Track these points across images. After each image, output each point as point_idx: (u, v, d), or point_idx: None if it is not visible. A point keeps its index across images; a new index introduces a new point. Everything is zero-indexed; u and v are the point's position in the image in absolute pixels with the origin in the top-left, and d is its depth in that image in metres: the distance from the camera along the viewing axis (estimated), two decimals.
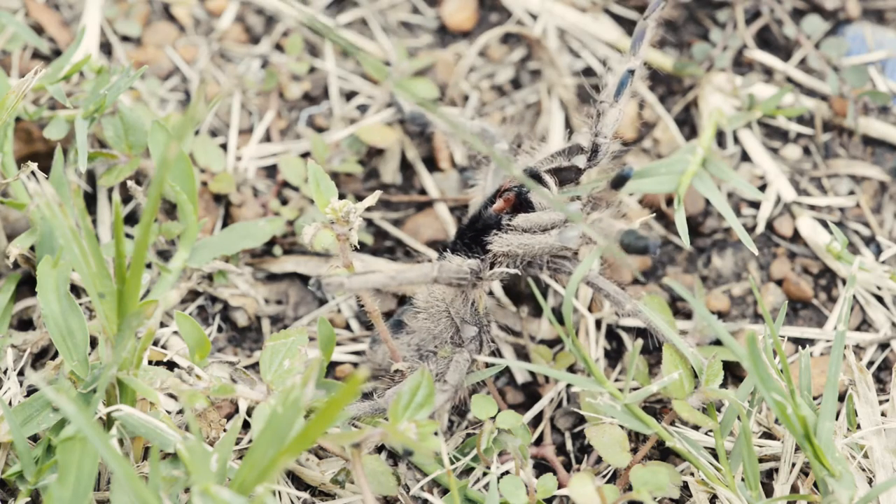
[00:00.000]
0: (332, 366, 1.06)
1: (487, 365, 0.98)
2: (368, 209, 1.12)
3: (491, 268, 0.97)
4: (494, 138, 1.06)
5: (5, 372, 0.98)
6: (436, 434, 0.86)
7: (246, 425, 1.00)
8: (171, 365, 1.01)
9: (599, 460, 1.00)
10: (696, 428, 0.97)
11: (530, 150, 1.04)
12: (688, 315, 1.08)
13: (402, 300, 1.08)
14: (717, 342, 1.04)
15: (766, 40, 1.22)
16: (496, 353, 1.07)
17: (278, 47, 1.22)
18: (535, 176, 0.98)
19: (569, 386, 1.04)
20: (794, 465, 0.95)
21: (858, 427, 0.95)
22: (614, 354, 1.07)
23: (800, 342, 1.07)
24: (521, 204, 0.98)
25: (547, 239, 0.94)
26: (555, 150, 1.01)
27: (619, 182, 0.94)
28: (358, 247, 0.94)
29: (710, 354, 0.96)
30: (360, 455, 0.89)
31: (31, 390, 0.98)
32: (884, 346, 1.06)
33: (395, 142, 1.16)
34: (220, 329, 1.08)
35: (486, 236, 0.97)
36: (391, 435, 0.84)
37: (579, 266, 0.91)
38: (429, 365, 0.97)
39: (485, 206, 0.99)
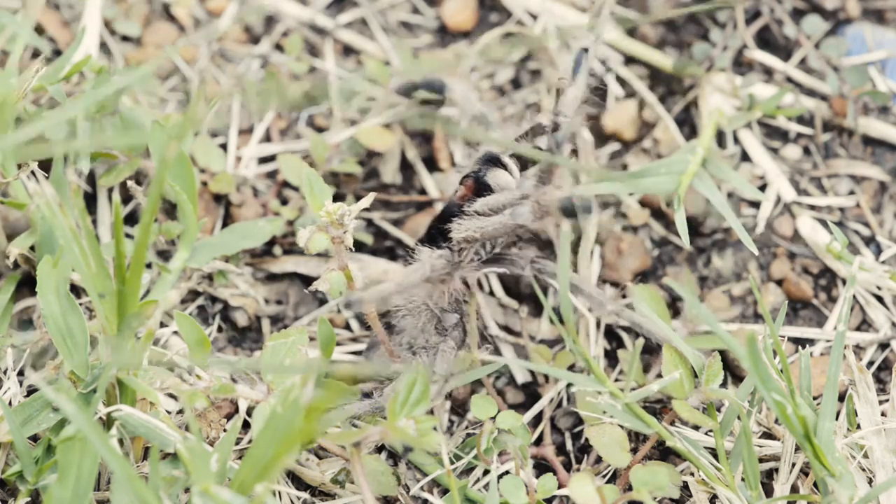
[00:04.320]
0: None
1: (484, 363, 0.98)
2: (368, 209, 1.12)
3: (458, 255, 0.97)
4: (491, 125, 1.06)
5: (5, 372, 0.98)
6: (435, 429, 0.86)
7: (246, 425, 1.00)
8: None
9: (599, 460, 1.00)
10: (696, 428, 0.97)
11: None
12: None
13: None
14: (709, 331, 1.04)
15: (766, 40, 1.22)
16: (496, 353, 1.07)
17: (278, 47, 1.23)
18: (494, 158, 0.98)
19: (569, 386, 1.04)
20: (794, 465, 0.95)
21: (858, 427, 0.95)
22: (615, 354, 1.07)
23: (800, 342, 1.07)
24: (481, 189, 0.98)
25: (500, 219, 0.94)
26: (517, 134, 1.00)
27: (569, 211, 0.93)
28: (353, 249, 0.94)
29: (701, 345, 0.96)
30: (359, 454, 0.89)
31: (31, 390, 0.98)
32: (884, 346, 1.06)
33: (395, 143, 1.16)
34: (220, 329, 1.08)
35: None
36: (390, 432, 0.84)
37: (560, 262, 0.90)
38: (422, 359, 0.97)
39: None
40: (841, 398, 1.00)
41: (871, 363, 1.05)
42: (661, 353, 1.01)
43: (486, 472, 0.98)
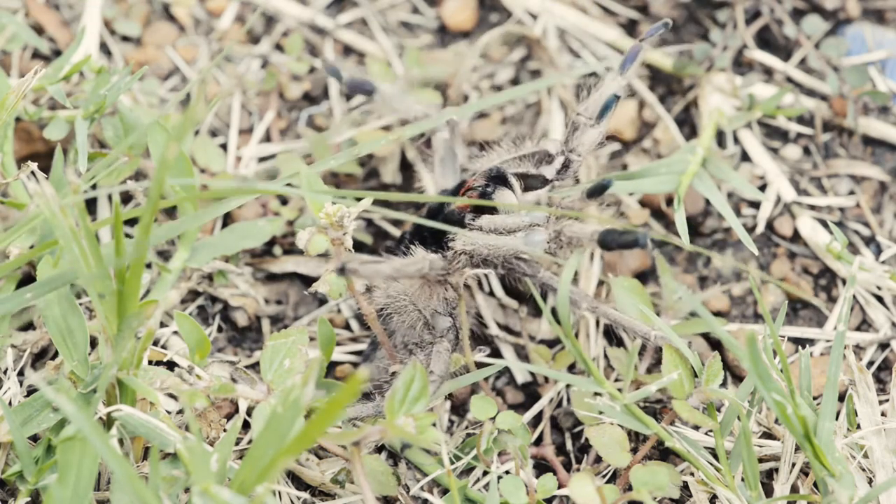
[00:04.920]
0: (332, 366, 1.06)
1: (478, 365, 0.98)
2: (368, 209, 1.12)
3: (450, 263, 0.97)
4: (437, 126, 1.06)
5: (5, 372, 0.98)
6: (434, 426, 0.86)
7: (246, 425, 1.00)
8: (171, 365, 1.01)
9: (599, 460, 1.00)
10: (696, 428, 0.97)
11: (504, 147, 1.03)
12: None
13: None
14: (693, 314, 1.04)
15: (766, 40, 1.22)
16: (496, 353, 1.07)
17: (278, 47, 1.23)
18: (501, 177, 0.97)
19: (569, 386, 1.04)
20: (794, 465, 0.95)
21: (858, 427, 0.95)
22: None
23: (800, 342, 1.07)
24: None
25: (513, 242, 0.94)
26: (522, 153, 1.00)
27: (597, 191, 0.93)
28: (352, 250, 0.94)
29: (683, 331, 0.96)
30: (359, 454, 0.89)
31: (31, 390, 0.98)
32: (884, 346, 1.06)
33: (395, 145, 1.16)
34: (220, 329, 1.08)
35: (447, 232, 0.97)
36: (390, 430, 0.84)
37: (566, 267, 0.90)
38: (418, 356, 0.97)
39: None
40: (841, 398, 1.00)
41: (871, 363, 1.05)
42: (647, 349, 1.01)
43: (486, 472, 0.98)
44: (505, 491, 0.93)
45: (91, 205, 1.11)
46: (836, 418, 0.95)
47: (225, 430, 0.97)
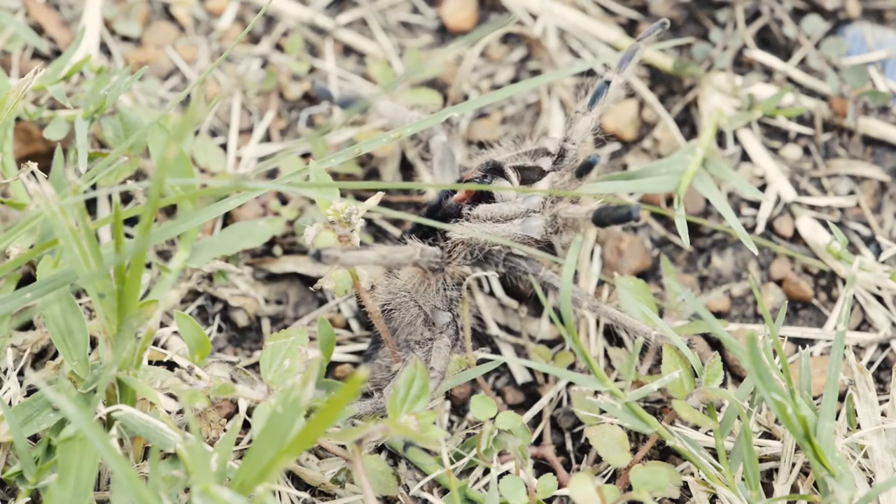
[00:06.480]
0: (332, 366, 1.06)
1: (478, 362, 0.98)
2: (368, 209, 1.12)
3: (449, 255, 0.97)
4: (433, 130, 1.06)
5: (5, 372, 0.98)
6: (434, 424, 0.86)
7: (246, 425, 1.00)
8: (171, 365, 1.01)
9: (599, 460, 1.00)
10: (696, 428, 0.98)
11: (504, 146, 1.04)
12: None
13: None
14: (696, 316, 1.04)
15: (766, 40, 1.22)
16: (496, 353, 1.07)
17: (278, 47, 1.23)
18: (498, 169, 0.98)
19: (568, 386, 1.04)
20: (794, 465, 0.95)
21: (858, 427, 0.95)
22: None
23: (800, 342, 1.07)
24: (482, 195, 0.98)
25: (510, 228, 0.95)
26: (521, 150, 1.01)
27: (585, 169, 0.94)
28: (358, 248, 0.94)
29: (684, 333, 0.96)
30: (360, 453, 0.89)
31: (31, 390, 0.98)
32: (884, 346, 1.06)
33: (395, 145, 1.16)
34: (220, 329, 1.08)
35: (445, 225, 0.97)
36: (392, 428, 0.85)
37: (567, 265, 0.90)
38: (416, 353, 0.97)
39: (445, 196, 1.00)
40: (841, 398, 1.00)
41: (871, 363, 1.05)
42: (648, 350, 1.02)
43: (486, 472, 0.98)
44: (505, 491, 0.93)
45: (91, 205, 1.11)
46: (836, 418, 0.95)
47: (225, 430, 0.97)
